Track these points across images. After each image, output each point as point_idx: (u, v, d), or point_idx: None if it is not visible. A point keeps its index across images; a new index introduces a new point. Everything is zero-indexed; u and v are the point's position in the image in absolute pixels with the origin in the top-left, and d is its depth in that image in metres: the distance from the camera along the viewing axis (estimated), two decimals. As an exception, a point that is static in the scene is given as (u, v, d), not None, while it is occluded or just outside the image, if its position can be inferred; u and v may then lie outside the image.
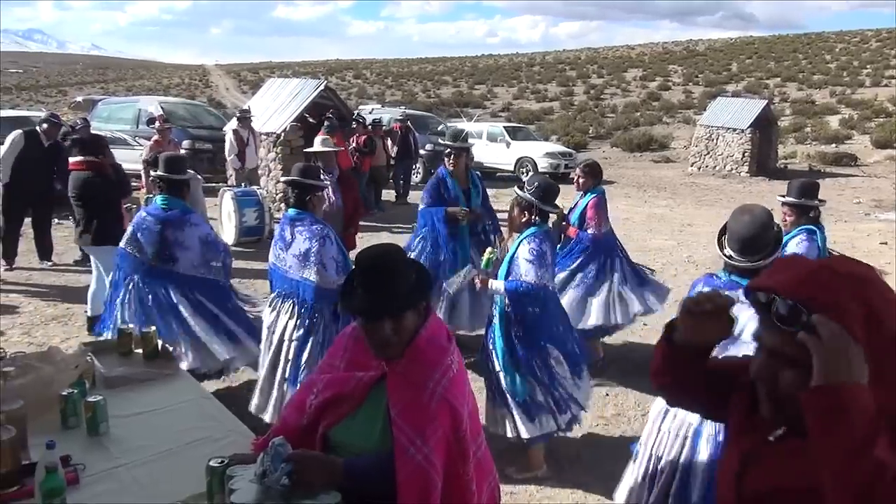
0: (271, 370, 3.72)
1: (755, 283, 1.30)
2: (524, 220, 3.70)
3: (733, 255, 2.72)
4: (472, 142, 13.87)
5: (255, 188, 10.04)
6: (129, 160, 9.73)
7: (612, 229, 5.53)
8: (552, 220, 4.14)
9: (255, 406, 3.77)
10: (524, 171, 17.67)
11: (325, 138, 6.33)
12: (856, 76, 42.67)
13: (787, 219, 4.26)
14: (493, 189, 14.59)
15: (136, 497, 2.02)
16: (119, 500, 1.99)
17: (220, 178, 12.52)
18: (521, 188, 3.77)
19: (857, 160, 22.82)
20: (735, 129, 20.09)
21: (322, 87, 12.45)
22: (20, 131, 7.36)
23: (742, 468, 1.35)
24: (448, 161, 5.28)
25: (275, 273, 3.86)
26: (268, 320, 3.81)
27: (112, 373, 2.82)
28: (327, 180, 4.92)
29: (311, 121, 11.97)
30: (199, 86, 68.87)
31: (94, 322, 5.28)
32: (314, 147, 6.03)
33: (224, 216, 9.30)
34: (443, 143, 5.56)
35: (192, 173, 6.85)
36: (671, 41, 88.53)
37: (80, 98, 32.90)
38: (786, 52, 58.67)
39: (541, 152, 18.31)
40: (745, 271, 2.69)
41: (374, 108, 20.86)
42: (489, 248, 4.06)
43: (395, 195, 13.49)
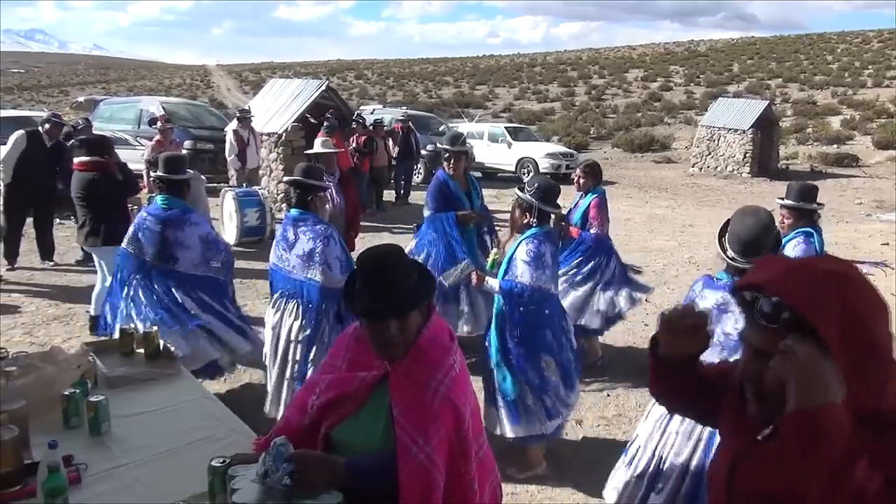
0: (280, 371, 3.72)
1: (740, 282, 1.32)
2: (525, 221, 3.71)
3: (736, 256, 2.72)
4: (472, 143, 13.95)
5: (256, 188, 10.05)
6: (131, 160, 9.68)
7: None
8: (553, 221, 4.15)
9: (268, 407, 3.80)
10: (525, 171, 17.67)
11: (326, 140, 6.32)
12: (857, 77, 42.64)
13: (786, 221, 4.27)
14: (494, 189, 14.63)
15: (137, 497, 2.02)
16: (121, 500, 1.99)
17: (221, 179, 12.53)
18: (522, 189, 3.78)
19: (859, 161, 22.82)
20: (736, 130, 20.09)
21: (323, 88, 12.46)
22: (22, 131, 7.38)
23: (733, 468, 1.36)
24: (448, 165, 5.27)
25: (277, 274, 3.86)
26: (271, 321, 3.80)
27: (114, 373, 2.82)
28: (330, 181, 4.92)
29: (312, 121, 11.98)
30: (200, 86, 68.95)
31: (97, 322, 5.30)
32: (314, 149, 6.03)
33: (225, 216, 9.31)
34: (441, 146, 5.53)
35: (195, 173, 6.86)
36: (672, 42, 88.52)
37: (81, 98, 32.94)
38: (787, 53, 58.66)
39: (542, 153, 18.31)
40: (737, 272, 2.70)
41: (375, 109, 20.87)
42: (494, 250, 4.07)
43: (395, 196, 13.50)
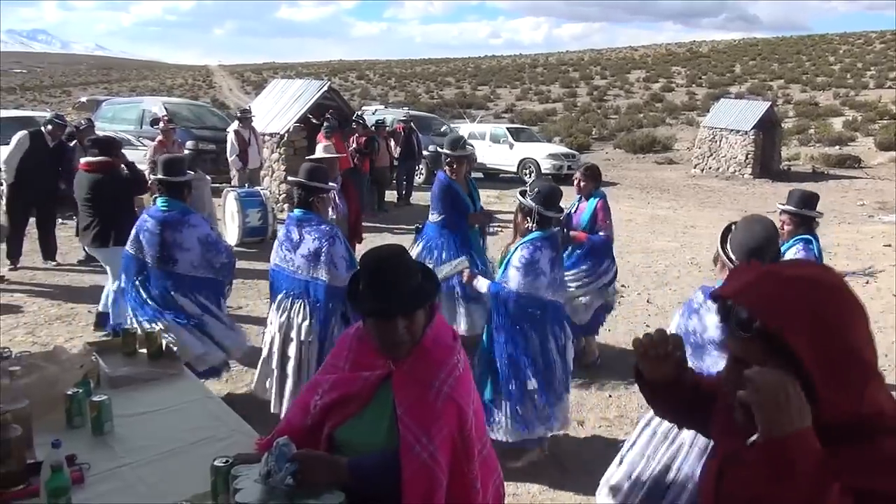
0: (295, 372, 3.70)
1: (714, 292, 1.31)
2: (526, 225, 3.75)
3: (737, 260, 2.72)
4: (474, 143, 13.94)
5: (258, 188, 10.06)
6: (134, 160, 9.71)
7: None
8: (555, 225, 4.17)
9: (273, 405, 3.81)
10: (527, 172, 17.68)
11: (328, 145, 6.32)
12: (860, 78, 42.60)
13: (786, 227, 4.31)
14: (496, 190, 14.61)
15: (140, 496, 2.02)
16: (124, 500, 2.00)
17: (223, 179, 12.54)
18: (524, 194, 3.80)
19: (861, 162, 22.79)
20: (738, 131, 20.08)
21: (325, 88, 12.47)
22: (25, 132, 7.40)
23: (721, 471, 1.36)
24: (450, 170, 5.27)
25: (279, 275, 3.85)
26: (276, 322, 3.80)
27: (117, 372, 2.83)
28: (334, 185, 4.92)
29: (314, 122, 11.99)
30: (202, 86, 69.04)
31: (103, 318, 5.33)
32: (317, 154, 6.02)
33: (227, 216, 9.32)
34: (442, 151, 5.51)
35: (200, 174, 6.88)
36: (674, 43, 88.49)
37: (84, 98, 32.99)
38: (789, 54, 58.63)
39: (544, 153, 18.32)
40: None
41: (377, 109, 20.89)
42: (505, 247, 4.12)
43: (397, 196, 13.50)
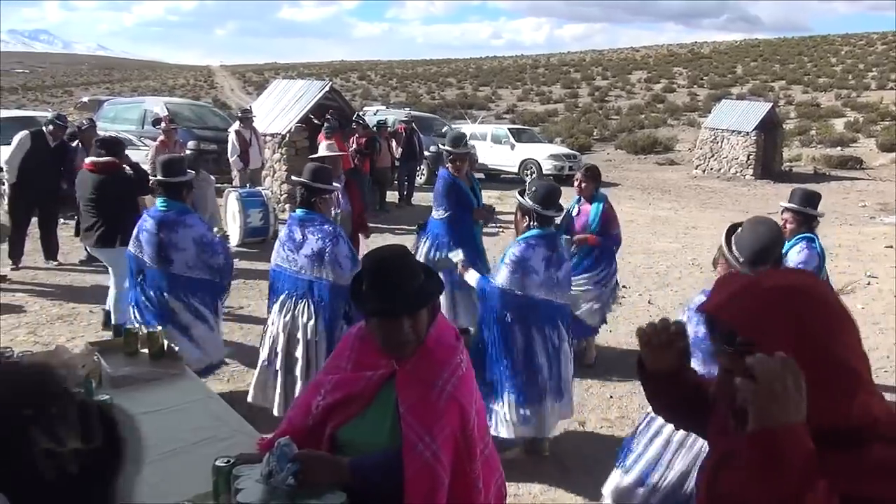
0: (304, 373, 3.70)
1: (699, 306, 1.31)
2: (525, 224, 3.79)
3: (745, 262, 2.71)
4: (475, 144, 13.95)
5: (259, 189, 10.06)
6: (135, 160, 9.74)
7: None
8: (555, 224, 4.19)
9: (276, 409, 3.82)
10: (528, 172, 17.68)
11: (331, 143, 6.33)
12: (861, 79, 42.54)
13: (788, 226, 4.31)
14: (497, 191, 14.62)
15: (141, 496, 2.00)
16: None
17: (225, 179, 12.54)
18: (522, 194, 3.83)
19: (863, 163, 22.78)
20: (740, 132, 20.07)
21: (327, 89, 12.48)
22: (26, 132, 7.41)
23: (716, 471, 1.36)
24: (452, 167, 5.28)
25: (281, 275, 3.86)
26: (280, 323, 3.80)
27: (118, 372, 2.83)
28: (337, 184, 4.93)
29: (315, 122, 12.00)
30: (204, 87, 69.08)
31: (110, 317, 5.35)
32: (320, 152, 6.02)
33: (229, 217, 9.32)
34: (444, 148, 5.54)
35: (205, 174, 6.89)
36: (676, 43, 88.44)
37: (85, 98, 32.98)
38: (791, 55, 58.56)
39: (545, 154, 18.32)
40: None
41: (378, 110, 20.90)
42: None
43: (398, 197, 13.50)
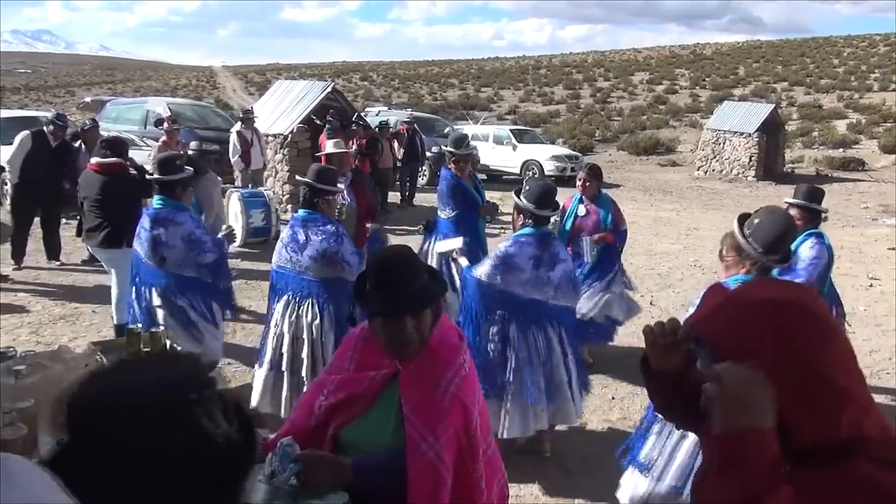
0: (310, 373, 3.70)
1: (686, 320, 1.32)
2: (520, 223, 3.83)
3: (761, 250, 2.71)
4: (477, 145, 13.96)
5: (261, 189, 10.07)
6: (138, 161, 9.76)
7: None
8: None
9: (284, 410, 3.80)
10: (530, 173, 17.68)
11: (338, 140, 6.34)
12: (864, 80, 42.49)
13: (796, 222, 4.27)
14: (499, 192, 14.63)
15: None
16: (128, 499, 1.99)
17: (227, 180, 12.54)
18: (519, 193, 3.86)
19: (865, 165, 22.76)
20: (742, 134, 20.06)
21: (329, 89, 12.49)
22: (28, 132, 7.42)
23: (703, 474, 1.36)
24: (455, 167, 5.30)
25: (284, 276, 3.85)
26: (284, 324, 3.80)
27: (121, 372, 2.83)
28: (341, 181, 4.93)
29: (318, 122, 12.01)
30: (206, 87, 69.15)
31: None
32: (327, 150, 6.02)
33: (231, 217, 9.33)
34: (447, 150, 5.55)
35: (211, 174, 6.90)
36: (678, 45, 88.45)
37: (88, 98, 33.00)
38: (793, 56, 58.50)
39: (547, 155, 18.32)
40: (763, 271, 2.72)
41: (380, 111, 20.92)
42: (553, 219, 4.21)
43: (400, 198, 13.51)
